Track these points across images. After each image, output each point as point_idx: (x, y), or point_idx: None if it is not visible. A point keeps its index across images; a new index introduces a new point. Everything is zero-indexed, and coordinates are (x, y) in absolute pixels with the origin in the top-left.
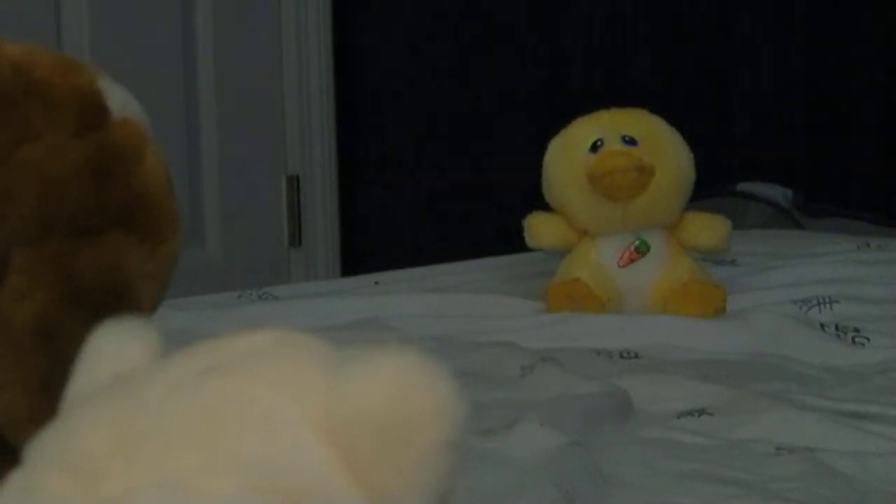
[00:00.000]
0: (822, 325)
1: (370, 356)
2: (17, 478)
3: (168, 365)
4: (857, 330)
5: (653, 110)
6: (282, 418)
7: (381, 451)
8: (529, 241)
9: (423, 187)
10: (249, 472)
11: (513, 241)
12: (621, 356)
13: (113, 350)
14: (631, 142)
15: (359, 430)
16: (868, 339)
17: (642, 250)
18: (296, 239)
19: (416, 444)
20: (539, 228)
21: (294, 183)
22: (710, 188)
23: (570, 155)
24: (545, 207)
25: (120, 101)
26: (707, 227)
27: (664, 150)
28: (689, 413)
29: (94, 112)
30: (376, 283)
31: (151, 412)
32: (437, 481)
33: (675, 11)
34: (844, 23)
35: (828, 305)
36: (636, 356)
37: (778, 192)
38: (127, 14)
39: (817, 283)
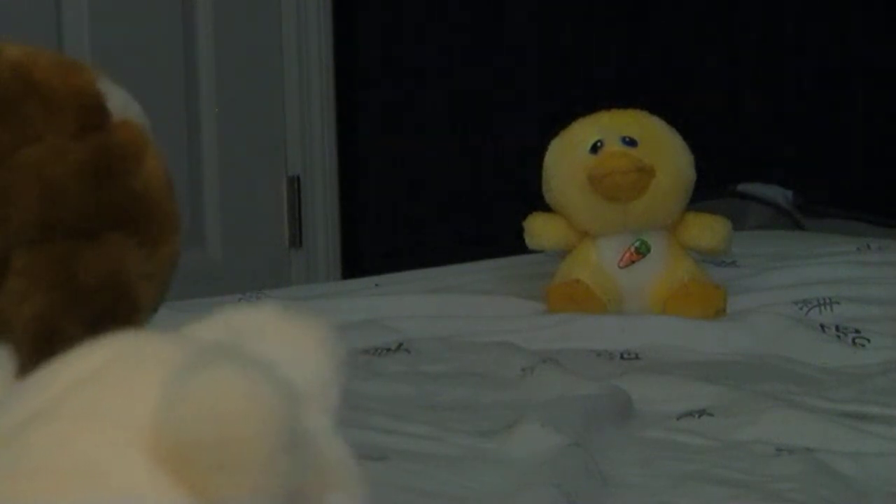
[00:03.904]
0: (822, 327)
1: (200, 367)
2: None
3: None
4: (857, 331)
5: (653, 111)
6: (108, 458)
7: (215, 467)
8: (530, 241)
9: (423, 188)
10: None
11: (512, 243)
12: (622, 357)
13: None
14: (631, 143)
15: (189, 451)
16: (868, 341)
17: (643, 251)
18: (296, 240)
19: (247, 455)
20: (539, 229)
21: (294, 184)
22: (710, 189)
23: (570, 156)
24: (545, 208)
25: (120, 102)
26: (707, 228)
27: (664, 151)
28: (690, 414)
29: (94, 113)
30: (377, 284)
31: None
32: (279, 485)
33: (676, 13)
34: (843, 23)
35: (828, 306)
36: (637, 357)
37: (778, 193)
38: (127, 14)
39: (818, 284)
